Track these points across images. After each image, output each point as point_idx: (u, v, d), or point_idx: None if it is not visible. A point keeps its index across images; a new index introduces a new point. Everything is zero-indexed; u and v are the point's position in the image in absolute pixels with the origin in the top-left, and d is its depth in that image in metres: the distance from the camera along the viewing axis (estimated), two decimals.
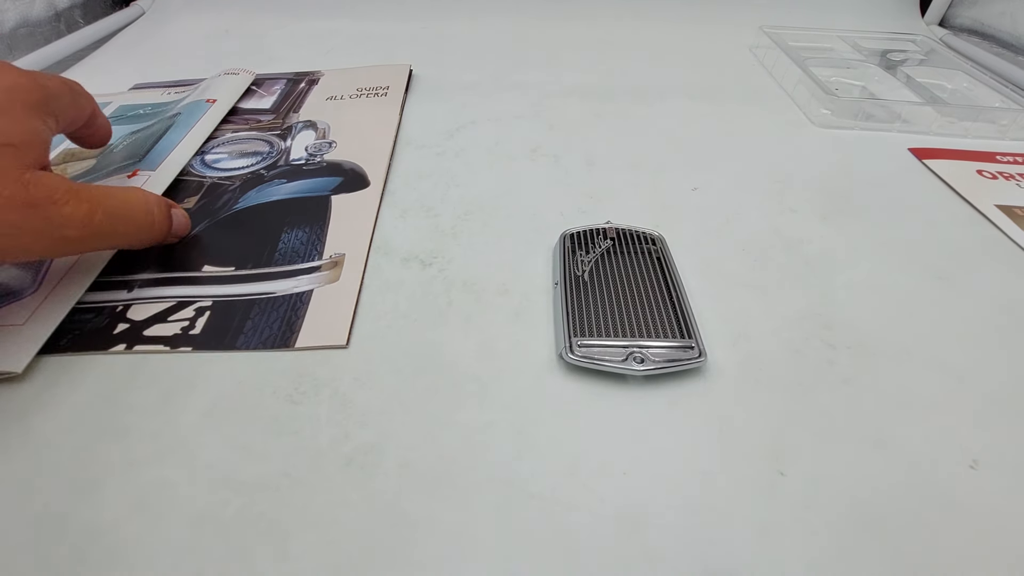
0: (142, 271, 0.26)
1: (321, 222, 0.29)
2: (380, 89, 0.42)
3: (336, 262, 0.27)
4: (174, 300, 0.25)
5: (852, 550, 0.17)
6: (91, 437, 0.20)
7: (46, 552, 0.17)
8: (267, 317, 0.24)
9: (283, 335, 0.23)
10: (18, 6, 0.52)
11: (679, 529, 0.17)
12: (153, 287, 0.25)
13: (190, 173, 0.33)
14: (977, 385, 0.22)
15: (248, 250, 0.28)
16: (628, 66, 0.49)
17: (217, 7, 0.60)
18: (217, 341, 0.23)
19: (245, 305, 0.25)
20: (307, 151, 0.35)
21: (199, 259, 0.27)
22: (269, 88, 0.43)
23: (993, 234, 0.30)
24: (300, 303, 0.25)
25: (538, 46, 0.52)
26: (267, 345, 0.23)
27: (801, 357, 0.23)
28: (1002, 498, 0.18)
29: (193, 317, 0.24)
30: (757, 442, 0.20)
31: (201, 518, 0.17)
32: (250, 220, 0.30)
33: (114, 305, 0.24)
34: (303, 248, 0.28)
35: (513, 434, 0.20)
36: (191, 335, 0.23)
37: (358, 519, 0.17)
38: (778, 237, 0.29)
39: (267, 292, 0.25)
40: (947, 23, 0.59)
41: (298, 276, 0.26)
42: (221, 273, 0.26)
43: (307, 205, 0.31)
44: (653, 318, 0.23)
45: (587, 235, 0.27)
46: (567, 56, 0.50)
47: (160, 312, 0.24)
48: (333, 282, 0.26)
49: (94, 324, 0.24)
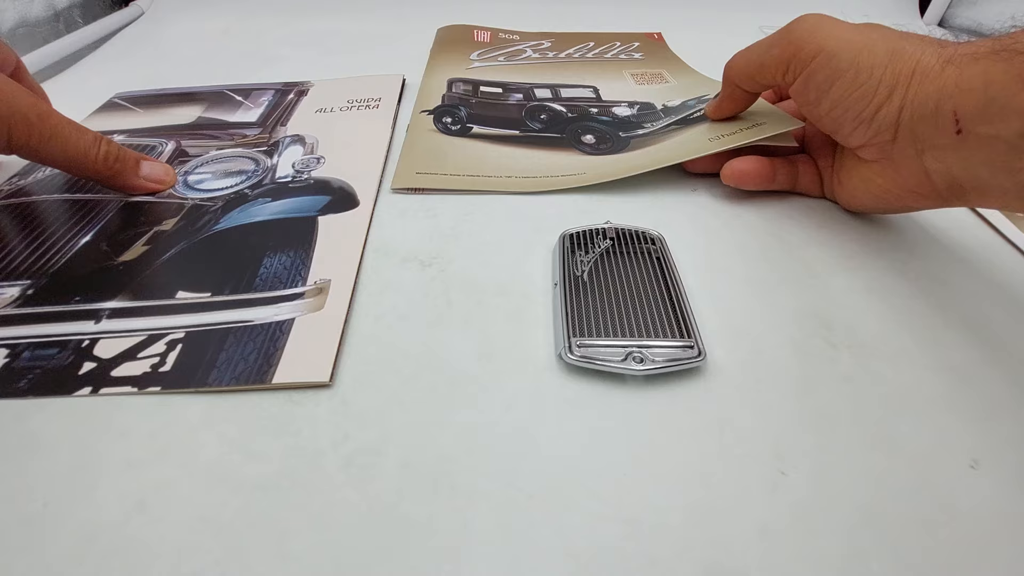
0: (111, 298, 0.25)
1: (307, 245, 0.28)
2: (372, 101, 0.41)
3: (321, 288, 0.25)
4: (145, 333, 0.23)
5: (852, 550, 0.17)
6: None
7: (46, 552, 0.17)
8: (243, 348, 0.22)
9: (259, 369, 0.21)
10: (17, 6, 0.52)
11: (679, 529, 0.17)
12: (122, 318, 0.24)
13: (172, 195, 0.32)
14: (977, 385, 0.22)
15: (226, 275, 0.26)
16: None
17: (216, 7, 0.60)
18: (188, 378, 0.21)
19: (220, 335, 0.23)
20: (294, 168, 0.34)
21: (173, 285, 0.25)
22: (256, 100, 0.42)
23: (992, 236, 0.30)
24: (280, 332, 0.23)
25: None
26: (241, 380, 0.21)
27: (802, 357, 0.23)
28: (1002, 498, 0.18)
29: (164, 352, 0.22)
30: (758, 442, 0.20)
31: (201, 518, 0.17)
32: (230, 242, 0.28)
33: (80, 339, 0.23)
34: (286, 273, 0.26)
35: (513, 434, 0.20)
36: (161, 372, 0.22)
37: (358, 519, 0.17)
38: (778, 238, 0.29)
39: (244, 320, 0.24)
40: (946, 23, 0.59)
41: (279, 303, 0.24)
42: (196, 300, 0.25)
43: (292, 227, 0.29)
44: (653, 318, 0.23)
45: (586, 235, 0.27)
46: None
47: (129, 348, 0.22)
48: (317, 310, 0.24)
49: (57, 362, 0.22)
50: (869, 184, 0.27)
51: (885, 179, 0.26)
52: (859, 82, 0.24)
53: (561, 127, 0.38)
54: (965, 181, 0.22)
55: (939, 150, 0.23)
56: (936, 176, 0.23)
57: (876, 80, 0.24)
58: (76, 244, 0.28)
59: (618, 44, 0.51)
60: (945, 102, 0.22)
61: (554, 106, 0.40)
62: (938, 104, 0.22)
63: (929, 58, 0.23)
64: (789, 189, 0.32)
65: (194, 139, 0.37)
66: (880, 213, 0.30)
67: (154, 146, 0.36)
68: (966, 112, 0.21)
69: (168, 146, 0.36)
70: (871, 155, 0.26)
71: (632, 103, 0.40)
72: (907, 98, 0.23)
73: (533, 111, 0.39)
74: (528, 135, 0.37)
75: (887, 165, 0.25)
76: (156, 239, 0.28)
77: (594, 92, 0.42)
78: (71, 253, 0.27)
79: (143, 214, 0.30)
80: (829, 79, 0.25)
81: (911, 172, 0.24)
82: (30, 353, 0.22)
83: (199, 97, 0.43)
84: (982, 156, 0.21)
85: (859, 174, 0.27)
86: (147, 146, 0.36)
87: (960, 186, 0.23)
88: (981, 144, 0.21)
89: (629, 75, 0.45)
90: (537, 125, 0.38)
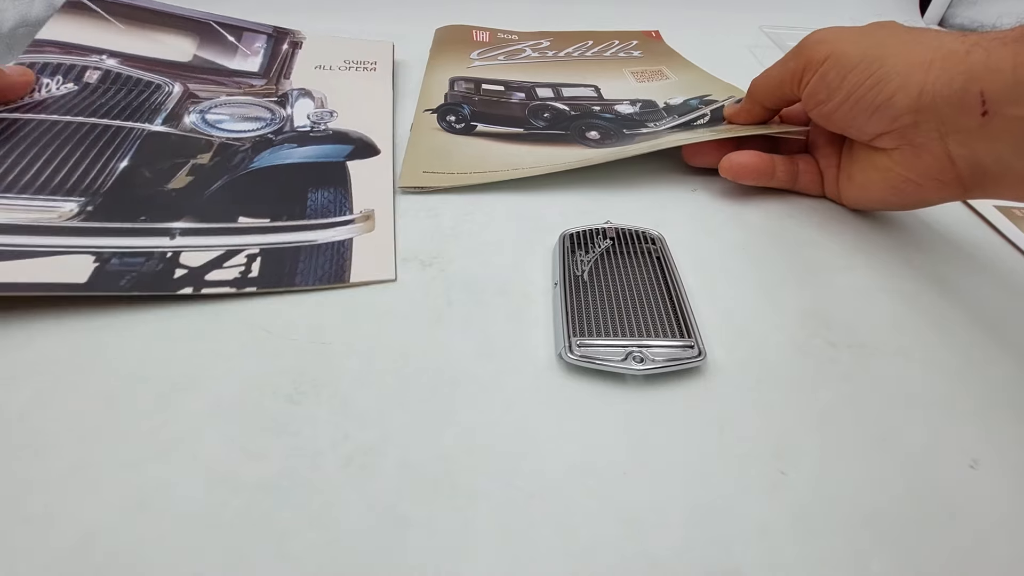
0: (176, 220, 0.26)
1: (343, 184, 0.30)
2: (368, 63, 0.42)
3: (367, 216, 0.28)
4: (222, 249, 0.25)
5: (852, 550, 0.17)
6: None
7: (46, 552, 0.17)
8: (316, 260, 0.25)
9: (336, 273, 0.25)
10: (17, 6, 0.52)
11: (679, 529, 0.17)
12: (195, 236, 0.26)
13: (195, 131, 0.33)
14: (977, 385, 0.22)
15: (279, 205, 0.28)
16: None
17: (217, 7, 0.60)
18: (277, 280, 0.24)
19: (292, 251, 0.26)
20: (310, 119, 0.35)
21: (232, 211, 0.27)
22: (250, 45, 0.42)
23: (992, 235, 0.30)
24: (344, 248, 0.26)
25: None
26: (323, 282, 0.25)
27: (802, 356, 0.23)
28: (1002, 498, 0.18)
29: (246, 263, 0.25)
30: (758, 442, 0.20)
31: (201, 518, 0.17)
32: (272, 179, 0.30)
33: (162, 251, 0.25)
34: (331, 205, 0.29)
35: (513, 434, 0.20)
36: (250, 277, 0.24)
37: (358, 519, 0.17)
38: (778, 237, 0.29)
39: (310, 240, 0.26)
40: (946, 23, 0.59)
41: (335, 228, 0.27)
42: (259, 224, 0.27)
43: (324, 169, 0.31)
44: (653, 318, 0.23)
45: (587, 235, 0.27)
46: None
47: (214, 259, 0.25)
48: (369, 232, 0.27)
49: (148, 267, 0.24)
50: (888, 174, 0.26)
51: (905, 167, 0.25)
52: (871, 71, 0.24)
53: (565, 125, 0.38)
54: (990, 165, 0.22)
55: (964, 133, 0.22)
56: (960, 161, 0.23)
57: (889, 68, 0.24)
58: (117, 168, 0.29)
59: (616, 42, 0.51)
60: (972, 84, 0.22)
61: (557, 105, 0.40)
62: (964, 85, 0.22)
63: (953, 43, 0.23)
64: (788, 188, 0.32)
65: (199, 83, 0.37)
66: (892, 208, 0.29)
67: (159, 85, 0.36)
68: (993, 93, 0.21)
69: (176, 87, 0.36)
70: (890, 143, 0.25)
71: (634, 100, 0.41)
72: (928, 81, 0.23)
73: (536, 110, 0.39)
74: (532, 132, 0.37)
75: (908, 152, 0.25)
76: (197, 171, 0.29)
77: (595, 91, 0.42)
78: (115, 176, 0.28)
79: (173, 146, 0.31)
80: (841, 74, 0.25)
81: (934, 158, 0.24)
82: (118, 260, 0.24)
83: (186, 25, 0.41)
84: (1009, 138, 0.21)
85: (876, 164, 0.27)
86: (152, 84, 0.35)
87: (984, 172, 0.23)
88: (1008, 126, 0.21)
89: (629, 73, 0.45)
90: (541, 123, 0.38)
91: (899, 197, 0.27)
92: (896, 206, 0.29)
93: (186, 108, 0.34)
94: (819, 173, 0.31)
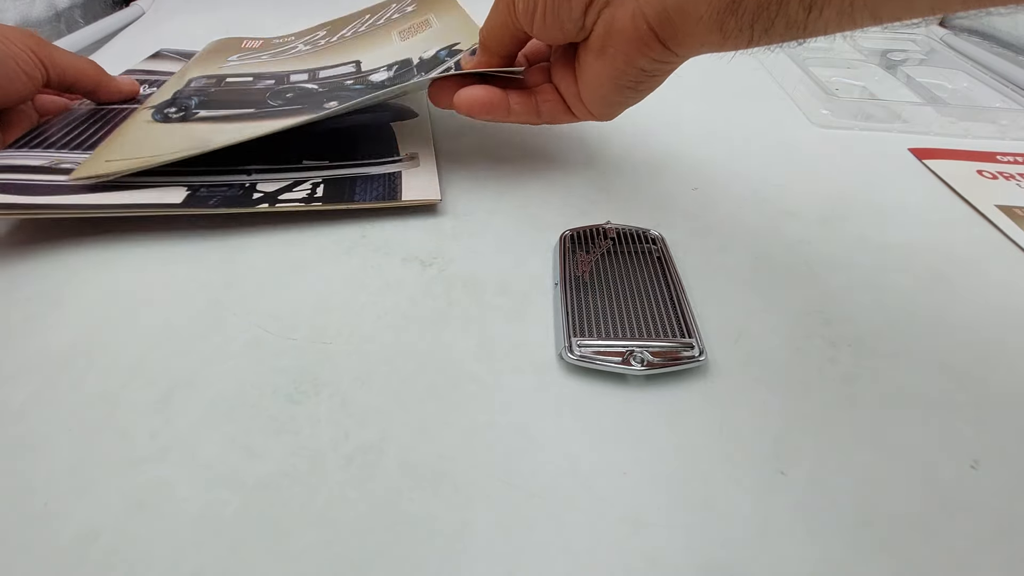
0: (252, 163, 0.32)
1: (390, 138, 0.36)
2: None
3: (412, 156, 0.33)
4: (292, 179, 0.31)
5: (852, 550, 0.17)
6: None
7: (46, 551, 0.17)
8: (370, 185, 0.31)
9: (389, 193, 0.30)
10: (18, 6, 0.52)
11: (679, 529, 0.17)
12: (268, 174, 0.31)
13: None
14: (977, 385, 0.22)
15: (334, 154, 0.34)
16: None
17: (217, 7, 0.60)
18: (339, 197, 0.30)
19: (350, 180, 0.31)
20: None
21: (295, 157, 0.33)
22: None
23: (993, 234, 0.30)
24: (394, 177, 0.32)
25: None
26: (379, 199, 0.30)
27: (802, 356, 0.23)
28: (1002, 498, 0.18)
29: (311, 189, 0.30)
30: (758, 441, 0.20)
31: (201, 518, 0.17)
32: (329, 138, 0.36)
33: (241, 182, 0.31)
34: (380, 151, 0.34)
35: (513, 434, 0.20)
36: (316, 197, 0.30)
37: (358, 519, 0.17)
38: (778, 237, 0.29)
39: (364, 173, 0.32)
40: (947, 23, 0.59)
41: (385, 164, 0.33)
42: (319, 164, 0.33)
43: (370, 131, 0.36)
44: (653, 318, 0.23)
45: (587, 235, 0.27)
46: None
47: (285, 186, 0.30)
48: (415, 167, 0.32)
49: (232, 192, 0.30)
50: (603, 57, 0.26)
51: (615, 47, 0.25)
52: None
53: (304, 101, 0.36)
54: (672, 12, 0.22)
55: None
56: (650, 18, 0.23)
57: None
58: None
59: (393, 5, 0.48)
60: None
61: (304, 85, 0.39)
62: None
63: None
64: (532, 122, 0.31)
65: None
66: (629, 97, 0.28)
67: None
68: None
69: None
70: (592, 20, 0.25)
71: (391, 65, 0.39)
72: None
73: (279, 92, 0.38)
74: (264, 111, 0.35)
75: (604, 25, 0.25)
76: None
77: (355, 66, 0.41)
78: None
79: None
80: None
81: (628, 20, 0.24)
82: (207, 190, 0.30)
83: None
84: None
85: (592, 55, 0.26)
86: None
87: (671, 22, 0.23)
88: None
89: (396, 34, 0.43)
90: (278, 102, 0.36)
91: (622, 81, 0.27)
92: (628, 88, 0.27)
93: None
94: (561, 98, 0.30)
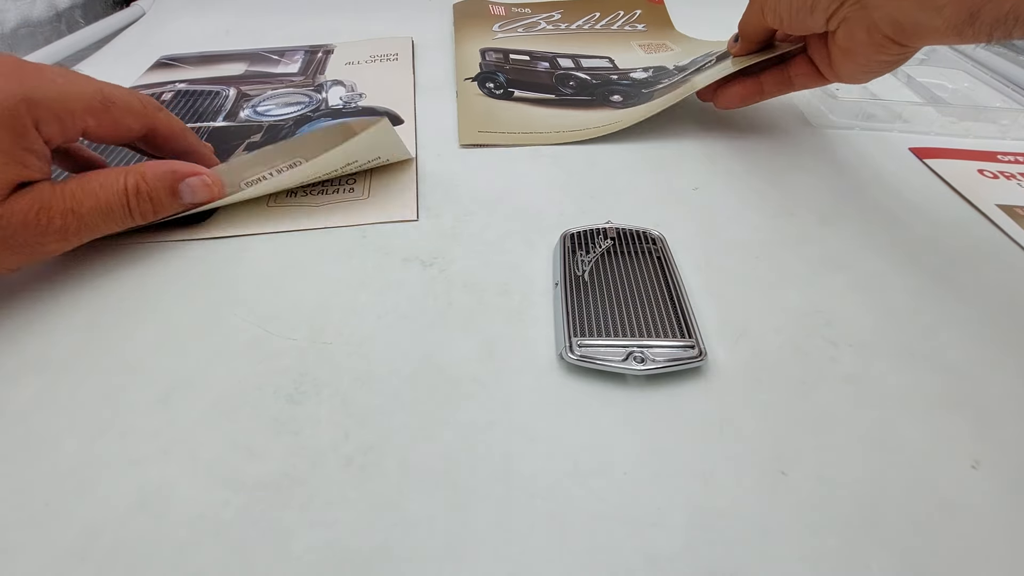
0: None
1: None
2: (391, 55, 0.48)
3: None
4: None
5: (853, 550, 0.17)
6: None
7: (47, 550, 0.17)
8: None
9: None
10: (19, 6, 0.52)
11: (679, 529, 0.17)
12: None
13: (248, 120, 0.39)
14: (978, 385, 0.22)
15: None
16: None
17: (218, 7, 0.60)
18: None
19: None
20: (342, 100, 0.41)
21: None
22: (291, 58, 0.48)
23: (994, 234, 0.30)
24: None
25: None
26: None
27: (802, 356, 0.23)
28: (1002, 498, 0.18)
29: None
30: (758, 441, 0.20)
31: (201, 518, 0.17)
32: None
33: None
34: None
35: (513, 434, 0.20)
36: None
37: (358, 519, 0.17)
38: (779, 237, 0.29)
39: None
40: None
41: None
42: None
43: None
44: (653, 318, 0.23)
45: (587, 235, 0.27)
46: None
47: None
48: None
49: None
50: (852, 60, 0.30)
51: (856, 50, 0.29)
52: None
53: (590, 91, 0.42)
54: (907, 25, 0.26)
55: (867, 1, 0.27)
56: (883, 24, 0.27)
57: None
58: None
59: (621, 13, 0.55)
60: None
61: (579, 74, 0.44)
62: None
63: None
64: (785, 92, 0.36)
65: (249, 85, 0.44)
66: (883, 73, 0.32)
67: (218, 92, 0.42)
68: None
69: (230, 91, 0.43)
70: (834, 25, 0.29)
71: (646, 68, 0.44)
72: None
73: (562, 78, 0.43)
74: (563, 98, 0.41)
75: (851, 42, 0.29)
76: (251, 147, 0.36)
77: (610, 62, 0.46)
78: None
79: (231, 134, 0.37)
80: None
81: (866, 37, 0.28)
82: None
83: (239, 57, 0.49)
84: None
85: (842, 57, 0.31)
86: (212, 92, 0.42)
87: (903, 29, 0.26)
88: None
89: (637, 46, 0.49)
90: (568, 90, 0.42)
91: (868, 66, 0.30)
92: (875, 73, 0.31)
93: (240, 106, 0.41)
94: (814, 67, 0.34)
